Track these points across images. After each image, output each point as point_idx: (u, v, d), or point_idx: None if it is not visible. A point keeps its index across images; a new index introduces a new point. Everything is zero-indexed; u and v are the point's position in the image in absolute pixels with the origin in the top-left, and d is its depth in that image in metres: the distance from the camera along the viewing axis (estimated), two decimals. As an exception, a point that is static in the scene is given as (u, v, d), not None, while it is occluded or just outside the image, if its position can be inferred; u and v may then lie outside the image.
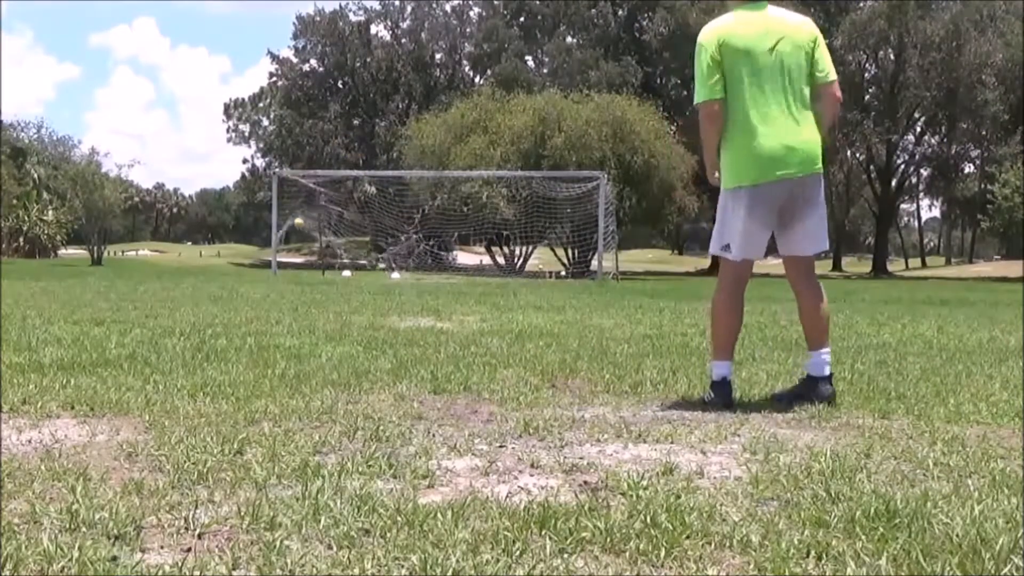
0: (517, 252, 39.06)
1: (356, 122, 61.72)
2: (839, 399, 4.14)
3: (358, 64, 60.67)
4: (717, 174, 4.16)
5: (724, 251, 4.17)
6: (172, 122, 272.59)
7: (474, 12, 62.09)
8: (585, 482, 2.59)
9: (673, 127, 40.19)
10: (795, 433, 3.38)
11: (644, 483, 2.52)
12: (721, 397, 3.99)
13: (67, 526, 2.06)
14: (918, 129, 58.87)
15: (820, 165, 4.09)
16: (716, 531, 2.09)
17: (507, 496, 2.40)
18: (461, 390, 4.25)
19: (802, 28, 4.09)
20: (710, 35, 4.06)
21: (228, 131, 66.89)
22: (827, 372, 4.15)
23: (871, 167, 59.62)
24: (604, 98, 38.47)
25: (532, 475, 2.68)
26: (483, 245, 40.70)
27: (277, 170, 37.33)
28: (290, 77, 62.08)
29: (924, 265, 74.91)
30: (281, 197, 31.11)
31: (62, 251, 56.60)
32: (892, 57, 54.35)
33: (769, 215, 4.05)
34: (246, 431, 3.12)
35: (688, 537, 2.04)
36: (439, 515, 2.15)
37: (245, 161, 70.16)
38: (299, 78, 61.66)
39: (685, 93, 59.05)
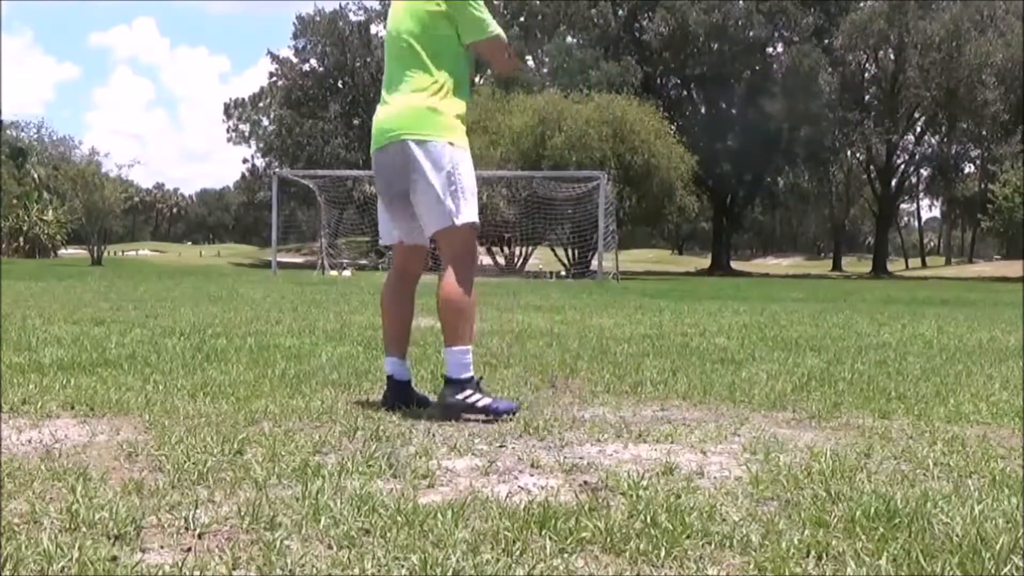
0: (517, 252, 39.09)
1: (356, 122, 61.70)
2: (839, 399, 4.13)
3: (358, 64, 60.66)
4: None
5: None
6: (172, 122, 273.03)
7: (474, 12, 61.98)
8: (585, 482, 2.59)
9: (673, 127, 40.22)
10: (795, 433, 3.38)
11: (644, 483, 2.51)
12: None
13: (67, 526, 2.06)
14: (918, 129, 58.95)
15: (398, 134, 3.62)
16: (716, 531, 2.08)
17: (507, 496, 2.40)
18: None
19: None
20: None
21: (228, 131, 66.86)
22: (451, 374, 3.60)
23: (871, 167, 59.67)
24: (604, 98, 38.50)
25: (532, 475, 2.67)
26: (483, 245, 40.74)
27: (277, 170, 37.34)
28: (290, 77, 62.06)
29: (924, 265, 74.95)
30: (281, 197, 31.10)
31: (62, 251, 56.66)
32: (892, 57, 54.43)
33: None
34: (246, 431, 3.12)
35: (688, 537, 2.04)
36: (439, 515, 2.14)
37: (245, 161, 70.16)
38: (299, 78, 61.63)
39: (685, 93, 59.17)
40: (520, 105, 38.07)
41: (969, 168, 67.09)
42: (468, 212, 3.61)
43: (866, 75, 57.20)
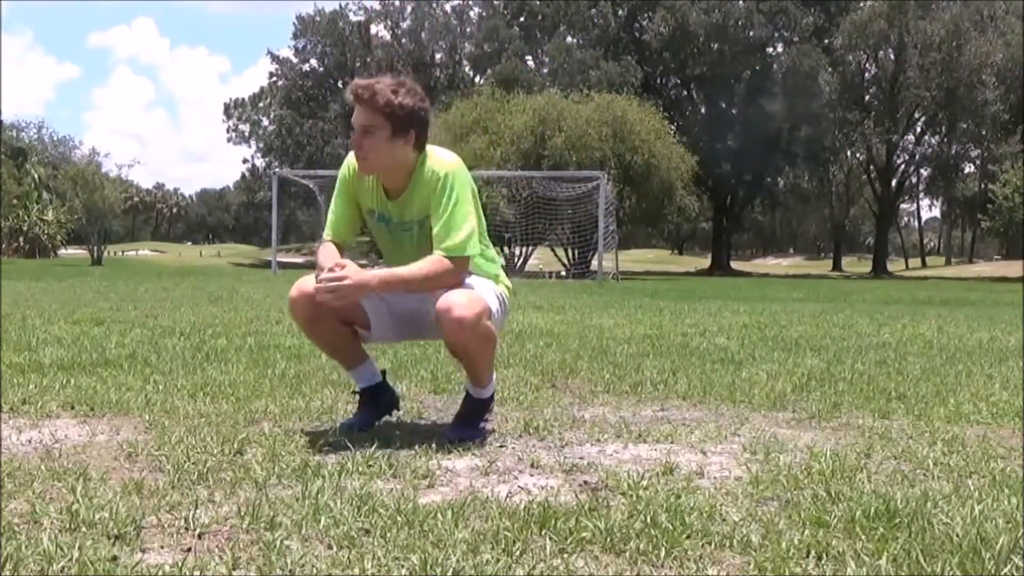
0: (517, 252, 39.07)
1: (356, 122, 61.74)
2: (839, 399, 4.13)
3: (358, 64, 60.72)
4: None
5: None
6: (172, 122, 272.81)
7: (474, 12, 62.14)
8: (585, 482, 2.59)
9: (673, 127, 40.20)
10: (795, 433, 3.38)
11: (644, 483, 2.52)
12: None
13: (67, 526, 2.06)
14: (918, 129, 58.92)
15: None
16: (716, 531, 2.08)
17: (507, 496, 2.40)
18: (461, 390, 4.24)
19: None
20: None
21: (228, 131, 66.99)
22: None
23: (871, 167, 59.64)
24: (604, 98, 38.49)
25: (532, 475, 2.68)
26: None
27: (277, 170, 37.33)
28: (290, 77, 62.12)
29: (924, 265, 74.90)
30: (281, 197, 31.09)
31: (62, 251, 56.64)
32: (892, 57, 54.43)
33: None
34: (246, 431, 3.12)
35: (688, 537, 2.04)
36: (439, 515, 2.15)
37: (245, 161, 70.49)
38: (299, 78, 61.69)
39: (685, 93, 59.18)
40: (520, 105, 38.03)
41: (969, 168, 67.08)
42: None
43: (866, 75, 57.17)
